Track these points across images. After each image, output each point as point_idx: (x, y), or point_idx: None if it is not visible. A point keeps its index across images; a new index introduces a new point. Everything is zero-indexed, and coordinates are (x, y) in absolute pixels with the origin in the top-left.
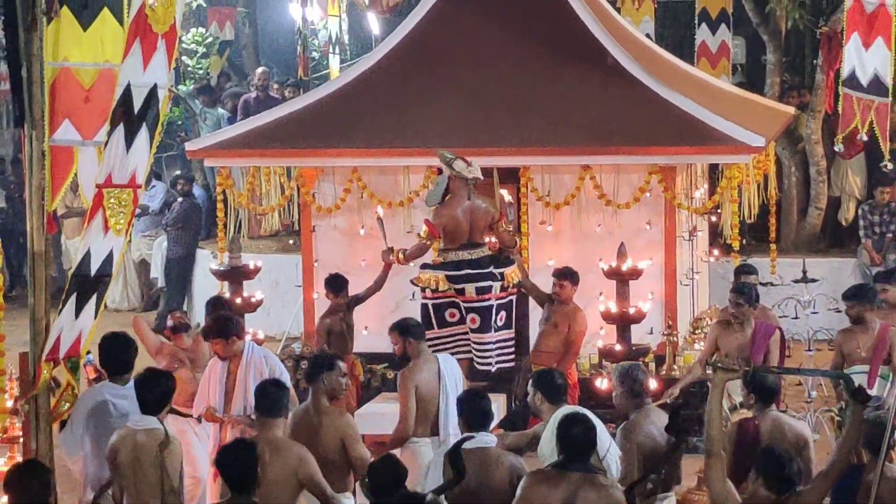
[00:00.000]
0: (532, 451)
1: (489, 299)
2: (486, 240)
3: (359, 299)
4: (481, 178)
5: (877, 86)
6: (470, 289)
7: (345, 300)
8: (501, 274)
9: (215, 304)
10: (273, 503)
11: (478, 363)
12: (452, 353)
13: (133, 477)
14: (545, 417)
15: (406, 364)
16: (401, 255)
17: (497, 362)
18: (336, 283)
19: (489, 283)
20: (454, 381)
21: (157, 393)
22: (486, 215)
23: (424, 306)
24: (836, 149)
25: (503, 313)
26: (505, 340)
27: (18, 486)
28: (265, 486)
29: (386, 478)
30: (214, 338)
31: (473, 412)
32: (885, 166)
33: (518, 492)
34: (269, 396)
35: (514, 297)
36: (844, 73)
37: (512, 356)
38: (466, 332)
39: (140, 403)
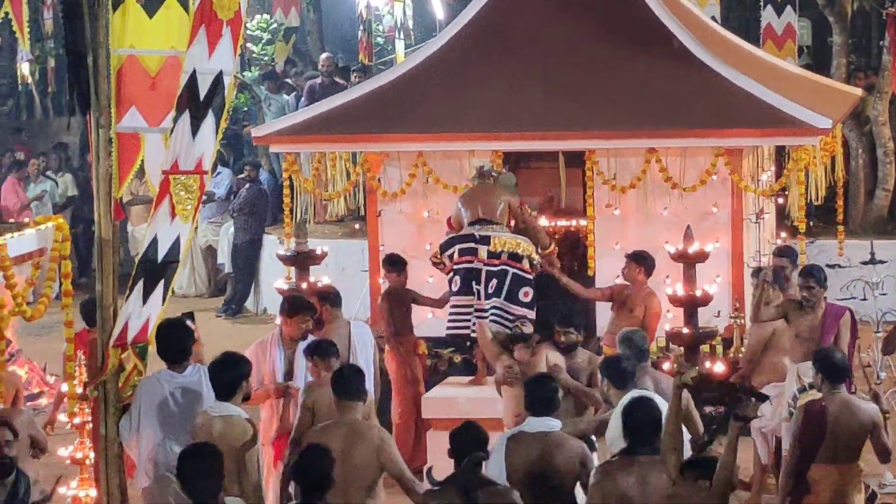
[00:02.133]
0: (601, 437)
1: (472, 262)
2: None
3: (416, 299)
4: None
5: None
6: (456, 251)
7: (405, 279)
8: (485, 238)
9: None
10: (356, 485)
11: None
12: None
13: None
14: (614, 403)
15: (319, 329)
16: (438, 253)
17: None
18: (394, 262)
19: (471, 244)
20: (364, 347)
21: (227, 377)
22: (500, 196)
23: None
24: None
25: (494, 281)
26: (500, 309)
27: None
28: (348, 469)
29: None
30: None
31: (537, 397)
32: None
33: (590, 488)
34: (347, 380)
35: (511, 269)
36: None
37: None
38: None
39: (214, 388)
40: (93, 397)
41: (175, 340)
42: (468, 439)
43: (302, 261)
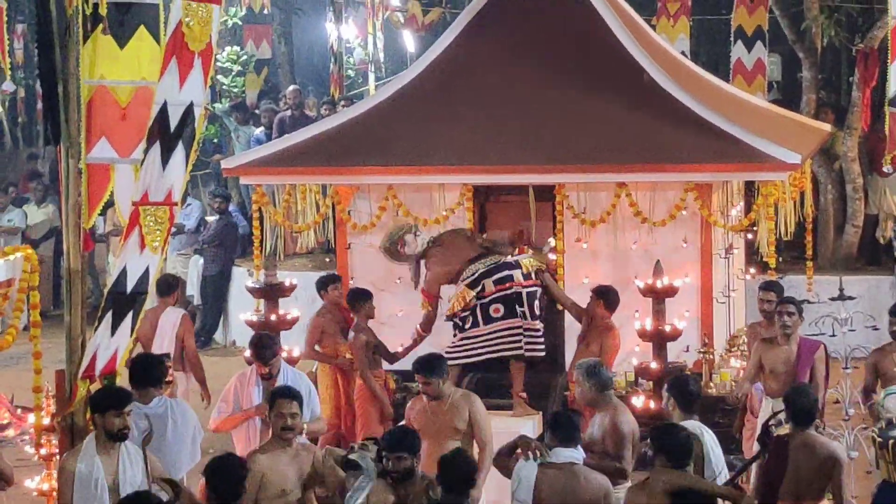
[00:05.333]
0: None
1: (510, 287)
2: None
3: (397, 357)
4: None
5: None
6: (488, 284)
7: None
8: (516, 262)
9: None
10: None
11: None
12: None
13: None
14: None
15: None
16: (420, 330)
17: (532, 349)
18: (364, 296)
19: (506, 272)
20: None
21: None
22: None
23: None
24: (885, 169)
25: (536, 302)
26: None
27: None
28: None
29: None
30: (256, 361)
31: (563, 428)
32: None
33: None
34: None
35: (538, 289)
36: (891, 91)
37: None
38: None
39: None
40: (60, 429)
41: (147, 371)
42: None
43: (271, 293)
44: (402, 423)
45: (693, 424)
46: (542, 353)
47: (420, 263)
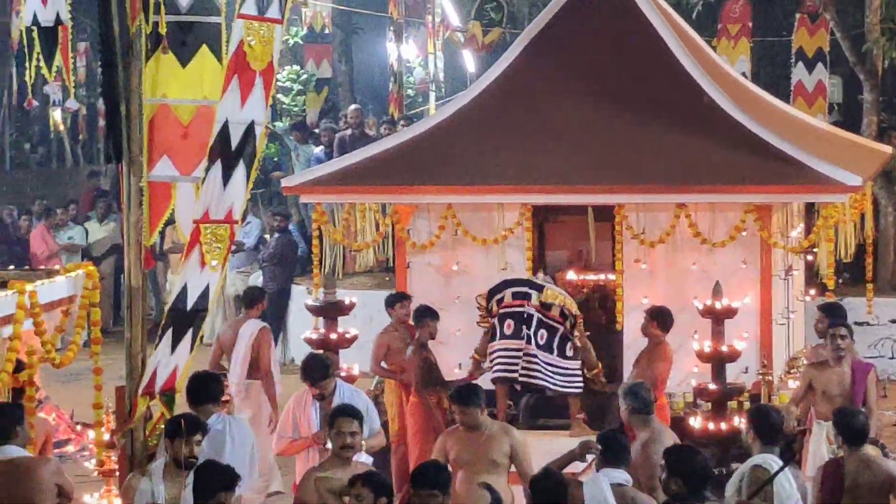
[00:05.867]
0: None
1: (523, 305)
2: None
3: (447, 385)
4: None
5: None
6: (507, 294)
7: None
8: (540, 286)
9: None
10: None
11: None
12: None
13: None
14: (753, 453)
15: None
16: (476, 355)
17: (546, 381)
18: (429, 313)
19: (526, 289)
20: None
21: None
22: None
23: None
24: None
25: (543, 332)
26: (552, 365)
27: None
28: None
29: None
30: (305, 381)
31: (611, 448)
32: None
33: None
34: None
35: (561, 327)
36: None
37: (569, 385)
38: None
39: None
40: (120, 445)
41: (204, 388)
42: (549, 486)
43: (330, 311)
44: (434, 456)
45: (765, 458)
46: (545, 384)
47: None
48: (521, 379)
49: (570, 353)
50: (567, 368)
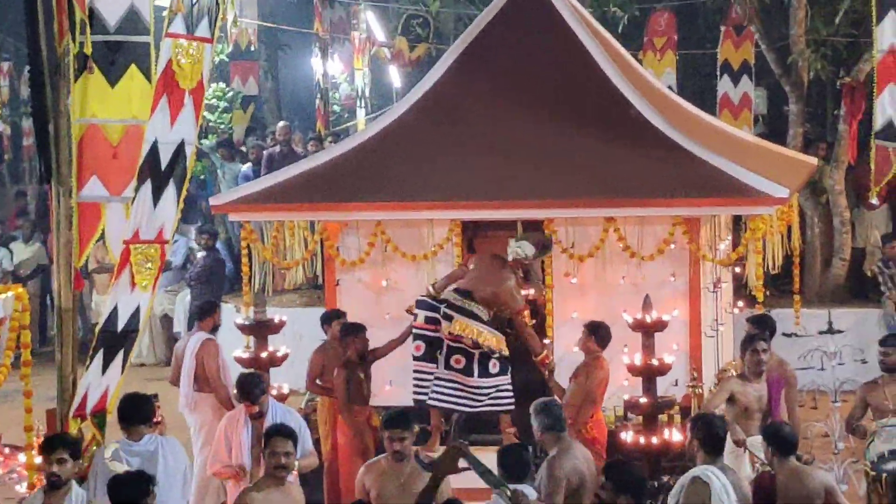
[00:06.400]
0: None
1: (435, 330)
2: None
3: (377, 354)
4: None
5: None
6: (421, 316)
7: (364, 345)
8: (448, 317)
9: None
10: None
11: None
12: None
13: None
14: (696, 463)
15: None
16: (430, 288)
17: (460, 404)
18: (356, 329)
19: (436, 315)
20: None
21: None
22: (506, 293)
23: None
24: (872, 202)
25: (459, 356)
26: (473, 387)
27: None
28: None
29: None
30: (243, 401)
31: (512, 463)
32: None
33: None
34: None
35: (475, 351)
36: (878, 124)
37: (496, 404)
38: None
39: None
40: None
41: (136, 409)
42: None
43: (260, 330)
44: (356, 495)
45: (705, 469)
46: (457, 408)
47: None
48: (430, 403)
49: (493, 370)
50: (492, 387)
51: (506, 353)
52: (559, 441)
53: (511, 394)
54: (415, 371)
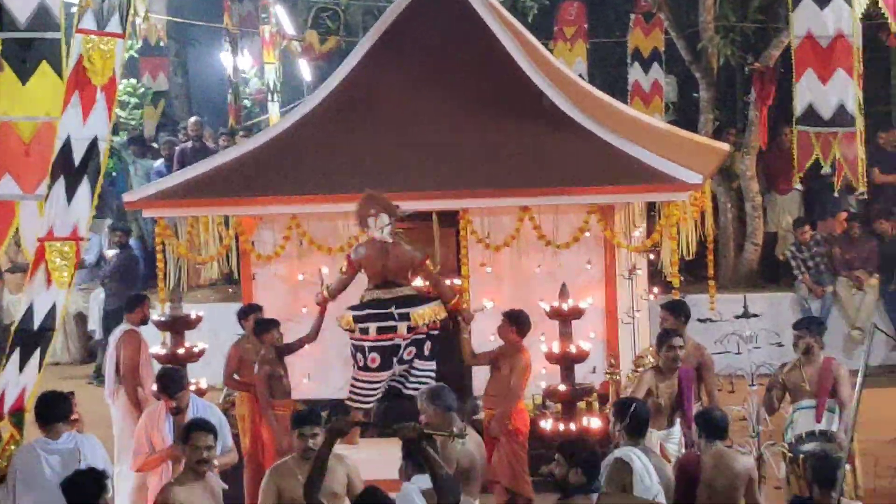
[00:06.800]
0: None
1: (392, 339)
2: (413, 283)
3: (291, 349)
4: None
5: (841, 116)
6: (372, 328)
7: (278, 338)
8: (405, 314)
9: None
10: None
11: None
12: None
13: None
14: (620, 446)
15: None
16: (325, 291)
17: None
18: (268, 323)
19: (391, 322)
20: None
21: None
22: (405, 257)
23: (351, 347)
24: (797, 187)
25: (412, 348)
26: (413, 369)
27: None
28: None
29: None
30: (162, 396)
31: (414, 456)
32: (861, 194)
33: None
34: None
35: (424, 335)
36: (798, 110)
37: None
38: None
39: None
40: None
41: (53, 407)
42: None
43: (177, 326)
44: (266, 499)
45: (627, 451)
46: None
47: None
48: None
49: (427, 353)
50: (422, 371)
51: (444, 315)
52: (451, 423)
53: (434, 380)
54: (363, 381)
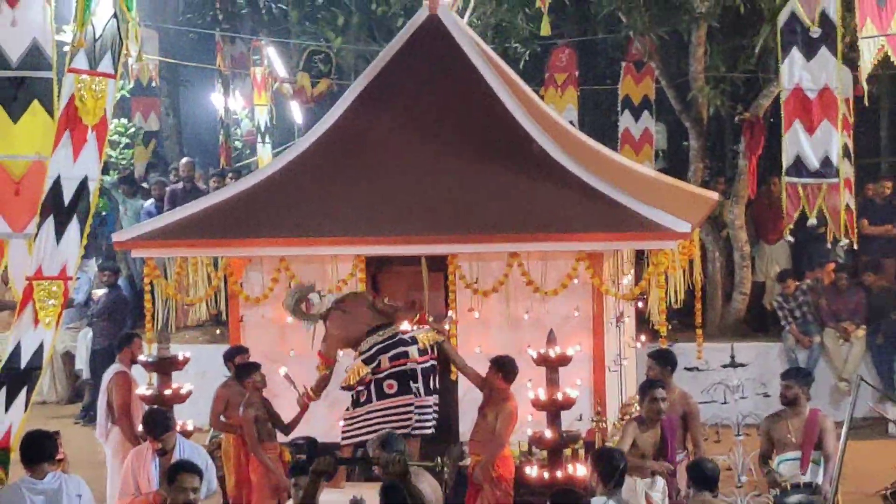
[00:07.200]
0: None
1: (405, 363)
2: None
3: (290, 428)
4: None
5: (826, 167)
6: (384, 359)
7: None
8: (413, 338)
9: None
10: None
11: (408, 426)
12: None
13: None
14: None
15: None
16: (310, 393)
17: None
18: (245, 370)
19: (402, 348)
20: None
21: None
22: (363, 304)
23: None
24: (787, 239)
25: (431, 377)
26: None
27: None
28: None
29: None
30: (148, 437)
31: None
32: (843, 247)
33: None
34: None
35: (435, 363)
36: (786, 162)
37: (421, 425)
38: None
39: None
40: None
41: (38, 447)
42: None
43: (164, 367)
44: None
45: (601, 500)
46: (430, 431)
47: (290, 379)
48: (413, 432)
49: (432, 386)
50: (427, 406)
51: (440, 337)
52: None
53: (434, 416)
54: (391, 408)
